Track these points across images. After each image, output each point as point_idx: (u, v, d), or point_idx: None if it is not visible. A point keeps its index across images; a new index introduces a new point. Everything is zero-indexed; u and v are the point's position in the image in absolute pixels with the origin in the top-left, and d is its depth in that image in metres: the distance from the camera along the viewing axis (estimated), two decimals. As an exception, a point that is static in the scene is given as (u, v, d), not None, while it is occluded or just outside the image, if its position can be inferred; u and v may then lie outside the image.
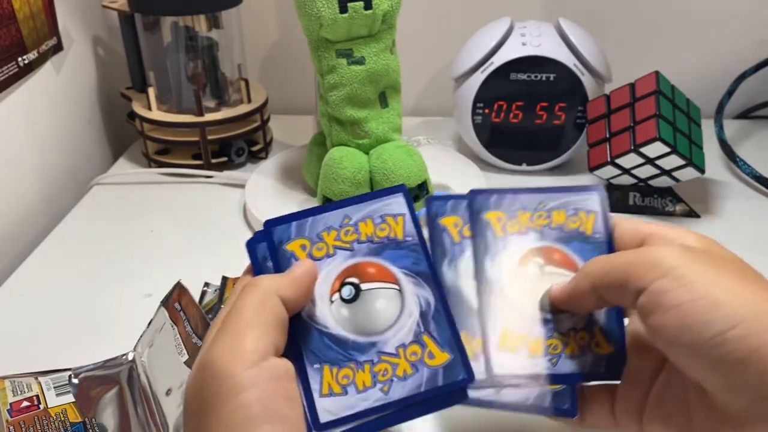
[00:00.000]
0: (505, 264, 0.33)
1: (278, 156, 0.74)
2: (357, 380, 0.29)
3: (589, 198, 0.34)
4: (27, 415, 0.41)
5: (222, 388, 0.25)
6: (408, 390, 0.28)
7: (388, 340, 0.29)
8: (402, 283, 0.30)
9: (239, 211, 0.68)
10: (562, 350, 0.31)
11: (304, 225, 0.31)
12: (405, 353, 0.29)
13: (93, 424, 0.41)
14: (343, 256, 0.31)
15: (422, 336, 0.30)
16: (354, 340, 0.29)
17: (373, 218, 0.31)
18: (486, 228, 0.33)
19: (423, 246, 0.31)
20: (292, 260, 0.31)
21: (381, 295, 0.30)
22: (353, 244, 0.31)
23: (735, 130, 0.81)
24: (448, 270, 0.33)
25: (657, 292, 0.25)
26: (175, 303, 0.46)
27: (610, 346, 0.31)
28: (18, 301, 0.56)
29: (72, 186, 0.75)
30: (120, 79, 0.82)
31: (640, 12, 0.82)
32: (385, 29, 0.56)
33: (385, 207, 0.32)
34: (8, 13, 0.61)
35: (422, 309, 0.30)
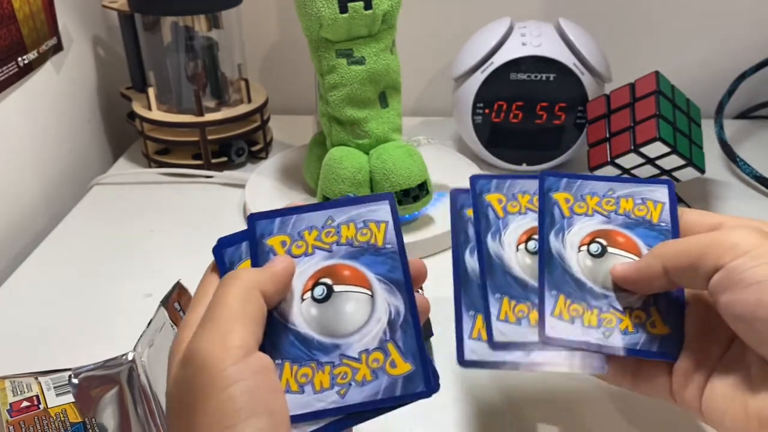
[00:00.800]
0: (569, 240, 0.35)
1: (278, 156, 0.74)
2: (315, 380, 0.29)
3: (658, 190, 0.35)
4: (27, 415, 0.41)
5: (210, 381, 0.25)
6: (364, 396, 0.28)
7: (353, 344, 0.29)
8: (375, 289, 0.30)
9: (239, 211, 0.68)
10: (616, 325, 0.32)
11: (287, 222, 0.32)
12: (367, 359, 0.29)
13: (93, 424, 0.41)
14: (320, 257, 0.31)
15: (387, 344, 0.29)
16: (319, 340, 0.29)
17: (356, 222, 0.32)
18: (554, 206, 0.35)
19: (401, 254, 0.31)
20: (270, 255, 0.31)
21: (352, 298, 0.30)
22: (332, 246, 0.31)
23: (735, 130, 0.81)
24: (492, 242, 0.35)
25: (736, 270, 0.27)
26: (174, 303, 0.46)
27: (667, 328, 0.33)
28: (18, 301, 0.56)
29: (72, 186, 0.75)
30: (120, 79, 0.82)
31: (640, 12, 0.82)
32: (385, 29, 0.56)
33: (370, 213, 0.32)
34: (8, 12, 0.61)
35: (391, 317, 0.30)
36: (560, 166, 0.74)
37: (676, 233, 0.34)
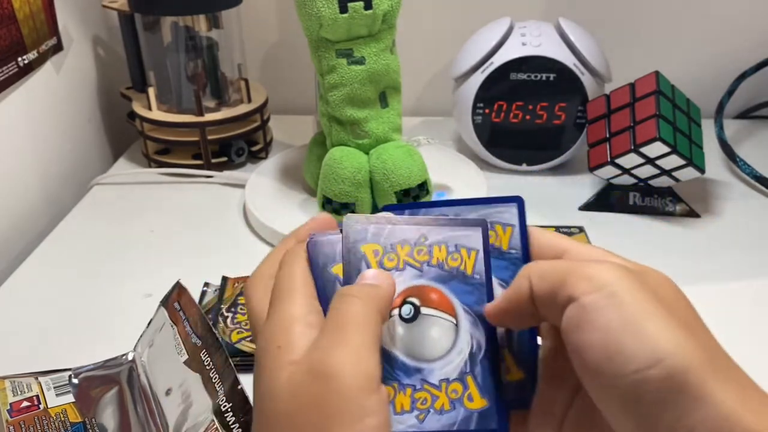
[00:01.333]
0: None
1: (278, 156, 0.74)
2: (396, 401, 0.28)
3: (507, 211, 0.32)
4: (27, 415, 0.41)
5: (347, 408, 0.24)
6: (441, 425, 0.28)
7: (434, 370, 0.29)
8: (460, 318, 0.30)
9: (239, 211, 0.68)
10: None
11: (381, 231, 0.31)
12: (447, 388, 0.29)
13: (93, 424, 0.41)
14: (411, 274, 0.30)
15: (466, 376, 0.29)
16: (402, 360, 0.29)
17: (448, 245, 0.31)
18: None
19: (488, 287, 0.31)
20: (362, 263, 0.30)
21: (438, 324, 0.30)
22: (423, 265, 0.30)
23: (735, 130, 0.81)
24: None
25: (587, 306, 0.24)
26: (174, 303, 0.46)
27: (521, 372, 0.30)
28: (18, 301, 0.56)
29: (72, 186, 0.75)
30: (120, 79, 0.82)
31: (640, 12, 0.82)
32: (385, 29, 0.56)
33: (463, 238, 0.31)
34: (8, 12, 0.61)
35: (472, 350, 0.30)
36: (560, 166, 0.74)
37: (526, 259, 0.31)
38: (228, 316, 0.50)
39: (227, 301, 0.51)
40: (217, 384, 0.39)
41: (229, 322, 0.49)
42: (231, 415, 0.37)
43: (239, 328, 0.49)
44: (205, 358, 0.41)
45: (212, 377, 0.40)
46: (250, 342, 0.47)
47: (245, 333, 0.48)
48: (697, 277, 0.56)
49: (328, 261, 0.30)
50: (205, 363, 0.41)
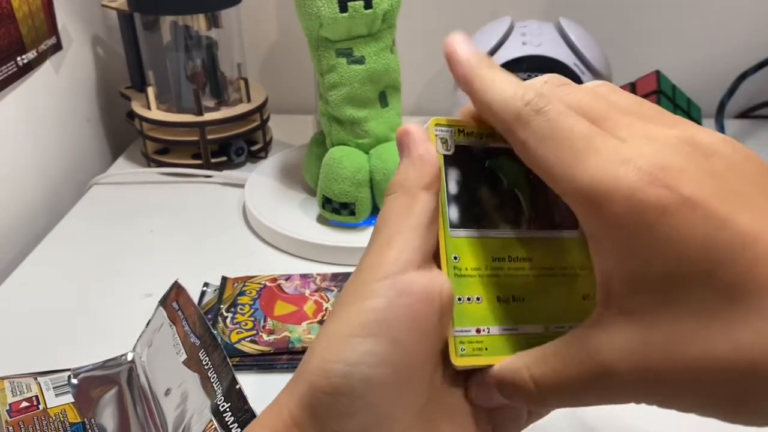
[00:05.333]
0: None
1: (278, 156, 0.74)
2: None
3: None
4: (26, 416, 0.41)
5: (355, 292, 0.24)
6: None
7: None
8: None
9: (239, 210, 0.68)
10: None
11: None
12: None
13: (92, 425, 0.41)
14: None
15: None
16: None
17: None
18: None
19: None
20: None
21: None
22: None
23: (736, 130, 0.81)
24: None
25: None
26: (172, 302, 0.46)
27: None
28: (17, 300, 0.56)
29: (71, 185, 0.75)
30: (119, 78, 0.82)
31: (640, 11, 0.81)
32: (385, 28, 0.56)
33: None
34: (7, 12, 0.61)
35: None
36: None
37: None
38: (228, 316, 0.50)
39: (227, 301, 0.51)
40: (216, 384, 0.39)
41: (229, 322, 0.49)
42: (230, 415, 0.36)
43: (239, 328, 0.48)
44: (203, 357, 0.41)
45: (210, 377, 0.40)
46: (249, 342, 0.47)
47: (245, 333, 0.48)
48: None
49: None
50: (204, 363, 0.41)
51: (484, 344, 0.26)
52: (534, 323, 0.26)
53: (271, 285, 0.53)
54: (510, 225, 0.27)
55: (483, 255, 0.26)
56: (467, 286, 0.26)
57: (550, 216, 0.27)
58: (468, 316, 0.26)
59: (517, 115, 0.23)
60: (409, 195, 0.25)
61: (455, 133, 0.26)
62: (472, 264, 0.26)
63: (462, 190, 0.26)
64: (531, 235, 0.27)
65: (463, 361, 0.25)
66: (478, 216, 0.26)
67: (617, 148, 0.21)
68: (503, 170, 0.27)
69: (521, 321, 0.26)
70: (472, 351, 0.25)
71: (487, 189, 0.27)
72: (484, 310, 0.26)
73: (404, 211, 0.25)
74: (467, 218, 0.26)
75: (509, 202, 0.26)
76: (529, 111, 0.23)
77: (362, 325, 0.23)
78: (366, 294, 0.23)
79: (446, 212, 0.26)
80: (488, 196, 0.27)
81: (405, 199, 0.25)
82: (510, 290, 0.26)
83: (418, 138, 0.26)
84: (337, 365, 0.22)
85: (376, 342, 0.22)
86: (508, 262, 0.26)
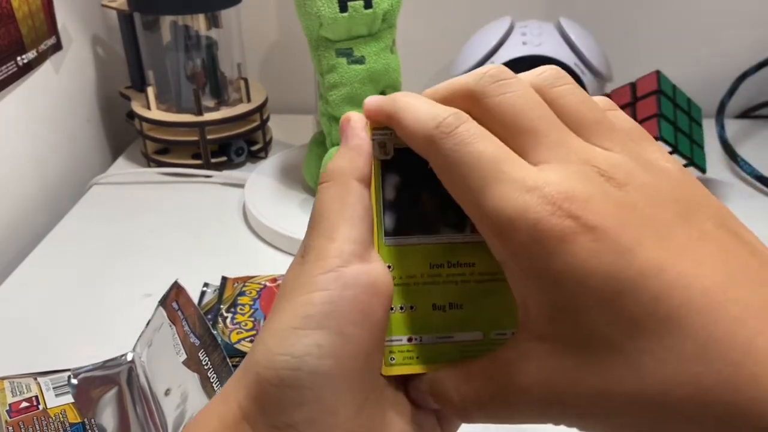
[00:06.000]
0: None
1: (278, 155, 0.74)
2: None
3: None
4: (26, 416, 0.40)
5: (299, 284, 0.23)
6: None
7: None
8: None
9: (239, 210, 0.68)
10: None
11: None
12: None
13: (92, 425, 0.41)
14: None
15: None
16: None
17: None
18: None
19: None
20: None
21: None
22: None
23: (736, 130, 0.81)
24: None
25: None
26: (172, 302, 0.46)
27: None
28: (17, 301, 0.56)
29: (71, 185, 0.75)
30: (119, 78, 0.82)
31: (641, 11, 0.81)
32: (385, 28, 0.56)
33: None
34: (7, 12, 0.61)
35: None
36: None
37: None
38: (227, 316, 0.50)
39: (227, 302, 0.51)
40: (215, 384, 0.39)
41: (229, 322, 0.49)
42: (230, 416, 0.36)
43: (239, 328, 0.48)
44: (203, 357, 0.41)
45: (210, 377, 0.40)
46: (249, 342, 0.47)
47: (245, 333, 0.48)
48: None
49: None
50: (204, 363, 0.41)
51: (416, 353, 0.25)
52: (472, 330, 0.25)
53: (271, 285, 0.53)
54: (453, 229, 0.25)
55: (419, 262, 0.25)
56: (400, 295, 0.25)
57: None
58: (400, 326, 0.25)
59: (428, 138, 0.23)
60: (342, 185, 0.24)
61: (394, 135, 0.25)
62: (407, 272, 0.25)
63: (400, 196, 0.25)
64: (474, 239, 0.25)
65: (393, 371, 0.25)
66: (417, 222, 0.25)
67: (525, 174, 0.21)
68: None
69: (458, 329, 0.25)
70: (402, 360, 0.25)
71: (428, 192, 0.25)
72: (417, 319, 0.25)
73: (339, 202, 0.24)
74: (404, 225, 0.25)
75: (452, 205, 0.25)
76: (440, 133, 0.22)
77: (308, 317, 0.22)
78: (311, 286, 0.23)
79: (381, 221, 0.25)
80: (429, 200, 0.25)
81: (338, 189, 0.24)
82: (447, 297, 0.25)
83: (355, 127, 0.25)
84: (283, 357, 0.22)
85: (323, 334, 0.22)
86: (447, 268, 0.25)
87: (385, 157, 0.25)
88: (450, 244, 0.25)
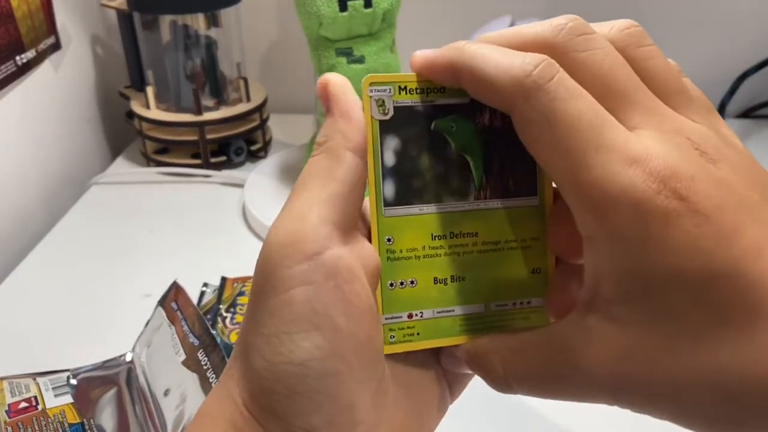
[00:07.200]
0: None
1: (277, 155, 0.74)
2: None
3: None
4: (25, 416, 0.40)
5: (273, 278, 0.21)
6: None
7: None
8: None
9: (238, 210, 0.67)
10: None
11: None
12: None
13: (92, 425, 0.41)
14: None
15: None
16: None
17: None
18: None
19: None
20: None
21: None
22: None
23: (737, 130, 0.81)
24: None
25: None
26: (171, 302, 0.46)
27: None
28: (16, 301, 0.55)
29: (70, 185, 0.74)
30: (118, 77, 0.82)
31: (641, 11, 0.81)
32: (385, 28, 0.56)
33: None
34: (6, 11, 0.61)
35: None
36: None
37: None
38: (227, 316, 0.50)
39: (226, 302, 0.51)
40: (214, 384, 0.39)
41: (228, 323, 0.49)
42: (230, 416, 0.36)
43: (238, 328, 0.48)
44: (202, 357, 0.41)
45: (209, 377, 0.40)
46: (249, 342, 0.47)
47: (244, 333, 0.48)
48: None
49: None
50: (203, 363, 0.41)
51: (417, 329, 0.24)
52: (474, 302, 0.24)
53: (271, 285, 0.53)
54: (456, 197, 0.24)
55: (421, 234, 0.24)
56: (401, 269, 0.24)
57: (504, 182, 0.24)
58: (400, 302, 0.24)
59: (518, 88, 0.20)
60: (332, 157, 0.22)
61: (395, 91, 0.23)
62: (408, 245, 0.24)
63: (400, 161, 0.23)
64: (479, 206, 0.24)
65: (393, 348, 0.24)
66: (419, 190, 0.23)
67: (627, 143, 0.19)
68: (452, 132, 0.24)
69: (460, 302, 0.24)
70: (402, 337, 0.24)
71: (431, 156, 0.23)
72: (418, 294, 0.24)
73: (324, 176, 0.22)
74: (405, 194, 0.23)
75: (457, 170, 0.23)
76: (532, 83, 0.20)
77: (297, 319, 0.21)
78: (290, 281, 0.21)
79: (380, 190, 0.23)
80: (432, 165, 0.24)
81: (327, 162, 0.22)
82: (450, 270, 0.24)
83: (339, 91, 0.23)
84: (287, 367, 0.21)
85: (318, 334, 0.21)
86: (449, 239, 0.24)
87: (383, 117, 0.23)
88: (453, 213, 0.24)
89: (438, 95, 0.23)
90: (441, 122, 0.23)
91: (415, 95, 0.23)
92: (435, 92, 0.23)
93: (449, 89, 0.23)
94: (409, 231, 0.24)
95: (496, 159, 0.24)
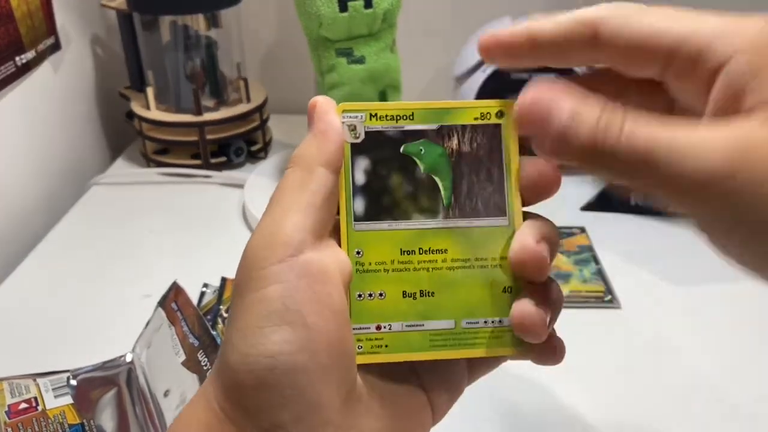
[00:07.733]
0: None
1: (277, 156, 0.74)
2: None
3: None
4: (25, 417, 0.40)
5: (250, 278, 0.23)
6: None
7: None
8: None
9: (238, 211, 0.67)
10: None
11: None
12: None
13: (92, 426, 0.41)
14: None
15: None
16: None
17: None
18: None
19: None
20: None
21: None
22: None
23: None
24: None
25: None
26: (171, 303, 0.46)
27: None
28: (16, 301, 0.55)
29: (70, 186, 0.74)
30: (118, 78, 0.82)
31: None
32: (385, 28, 0.56)
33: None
34: (6, 11, 0.61)
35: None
36: (561, 166, 0.73)
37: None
38: (227, 316, 0.50)
39: (226, 302, 0.51)
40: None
41: (229, 323, 0.49)
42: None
43: (238, 328, 0.48)
44: (202, 358, 0.41)
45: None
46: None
47: (244, 334, 0.48)
48: (700, 278, 0.56)
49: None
50: (203, 363, 0.41)
51: (385, 341, 0.25)
52: (444, 318, 0.25)
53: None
54: (425, 214, 0.25)
55: (390, 248, 0.25)
56: (370, 281, 0.25)
57: (473, 203, 0.25)
58: (368, 313, 0.25)
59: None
60: (306, 170, 0.24)
61: (366, 117, 0.25)
62: (377, 258, 0.25)
63: (371, 180, 0.25)
64: (448, 225, 0.25)
65: (361, 359, 0.24)
66: (388, 207, 0.25)
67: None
68: (421, 155, 0.25)
69: (429, 316, 0.25)
70: (370, 348, 0.25)
71: (400, 176, 0.25)
72: (387, 306, 0.25)
73: (299, 188, 0.24)
74: (374, 210, 0.25)
75: (426, 190, 0.25)
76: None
77: (270, 314, 0.22)
78: (265, 280, 0.22)
79: (350, 205, 0.25)
80: (402, 184, 0.25)
81: (301, 175, 0.24)
82: (418, 284, 0.25)
83: (322, 111, 0.25)
84: (257, 359, 0.22)
85: (289, 329, 0.22)
86: (418, 254, 0.25)
87: (355, 141, 0.25)
88: (422, 230, 0.25)
89: (407, 121, 0.25)
90: (410, 146, 0.25)
91: (386, 121, 0.25)
92: (404, 119, 0.25)
93: (418, 115, 0.25)
94: (379, 245, 0.25)
95: (465, 180, 0.25)
